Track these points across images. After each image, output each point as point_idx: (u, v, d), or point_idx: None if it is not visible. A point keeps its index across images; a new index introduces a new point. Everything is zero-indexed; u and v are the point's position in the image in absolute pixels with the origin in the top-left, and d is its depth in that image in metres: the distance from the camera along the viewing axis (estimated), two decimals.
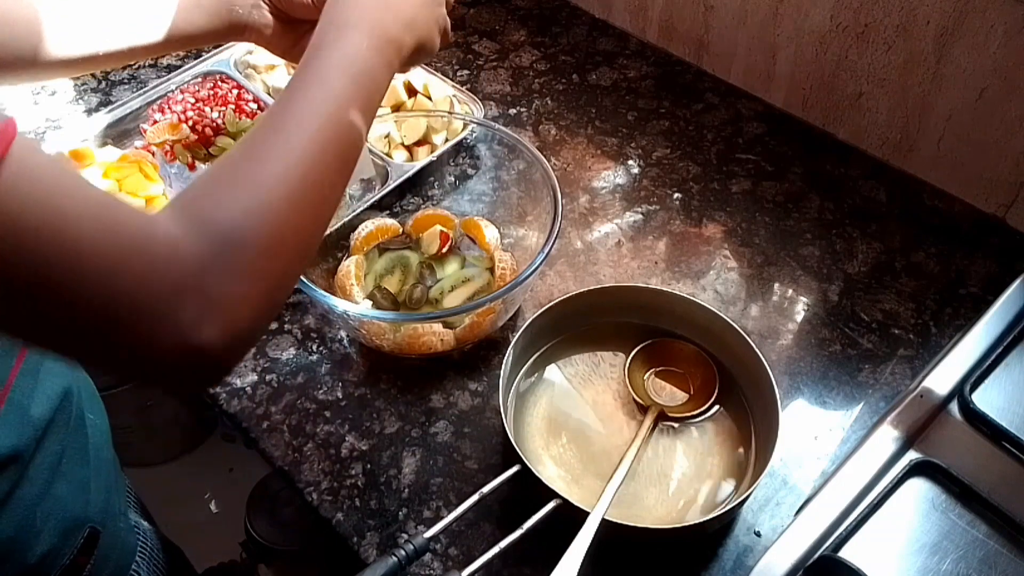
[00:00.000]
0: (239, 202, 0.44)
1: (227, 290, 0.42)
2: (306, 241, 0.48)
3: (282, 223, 0.45)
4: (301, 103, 0.49)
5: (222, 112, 0.97)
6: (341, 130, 0.50)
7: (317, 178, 0.47)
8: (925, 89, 0.88)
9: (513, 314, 0.80)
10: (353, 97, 0.51)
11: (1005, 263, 0.86)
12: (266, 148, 0.47)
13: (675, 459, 0.70)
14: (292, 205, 0.45)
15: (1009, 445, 0.63)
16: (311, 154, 0.47)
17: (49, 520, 0.60)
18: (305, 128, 0.48)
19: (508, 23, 1.18)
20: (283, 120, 0.48)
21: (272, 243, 0.44)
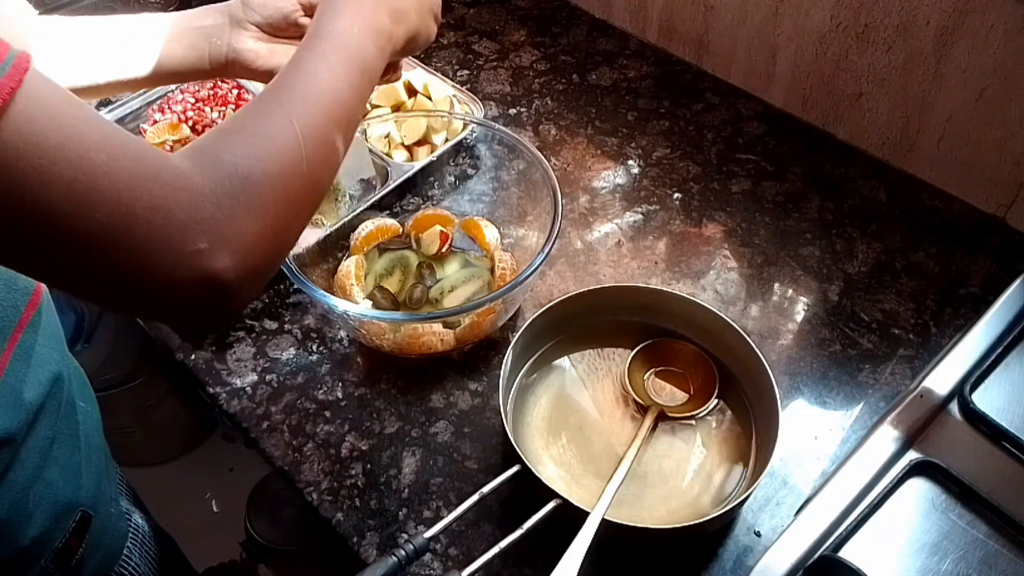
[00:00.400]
0: (248, 147, 0.46)
1: (238, 222, 0.43)
2: (310, 191, 0.50)
3: (288, 169, 0.47)
4: (302, 74, 0.52)
5: (222, 112, 0.97)
6: (339, 98, 0.53)
7: (319, 136, 0.50)
8: (925, 89, 0.88)
9: (513, 314, 0.80)
10: (348, 72, 0.54)
11: (1005, 263, 0.86)
12: (272, 106, 0.50)
13: (675, 459, 0.70)
14: (297, 155, 0.48)
15: (1009, 445, 0.63)
16: (313, 115, 0.50)
17: (41, 503, 0.61)
18: (307, 93, 0.51)
19: (508, 23, 1.18)
20: (286, 86, 0.51)
21: (279, 185, 0.46)
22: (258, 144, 0.47)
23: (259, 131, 0.48)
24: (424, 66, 1.04)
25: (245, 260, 0.44)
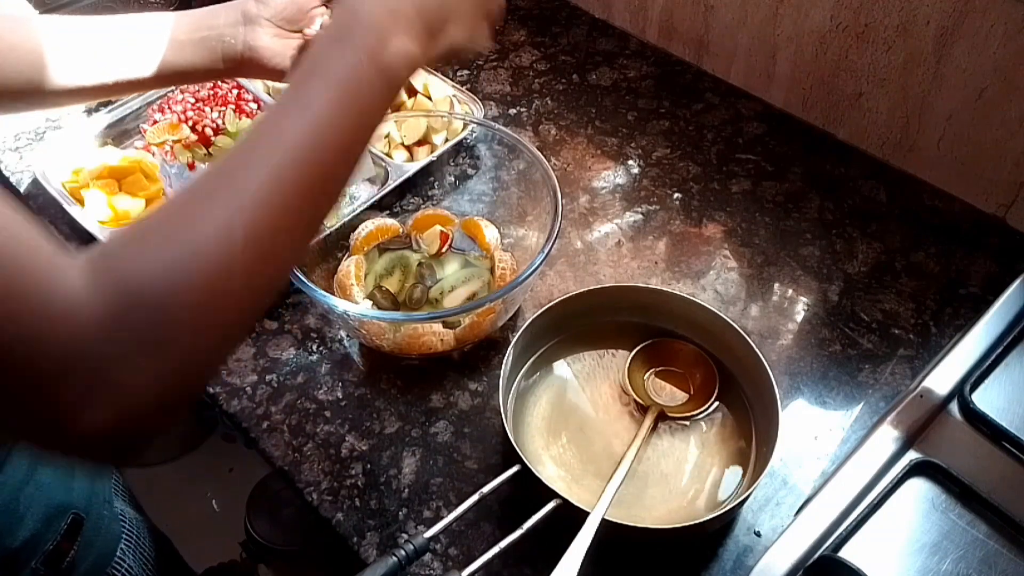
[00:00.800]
0: (162, 254, 0.36)
1: (133, 364, 0.34)
2: (246, 308, 0.39)
3: (213, 283, 0.36)
4: (272, 134, 0.40)
5: (222, 112, 0.97)
6: (316, 171, 0.40)
7: (270, 236, 0.38)
8: (925, 89, 0.88)
9: (513, 314, 0.80)
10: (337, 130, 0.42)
11: (1005, 263, 0.86)
12: (211, 189, 0.38)
13: (675, 459, 0.70)
14: (230, 261, 0.37)
15: (1009, 445, 0.63)
16: (269, 204, 0.38)
17: (32, 505, 0.61)
18: (269, 167, 0.39)
19: (508, 23, 1.18)
20: (245, 154, 0.40)
21: (199, 307, 0.36)
22: (178, 247, 0.36)
23: (184, 227, 0.37)
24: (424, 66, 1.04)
25: (131, 414, 0.34)
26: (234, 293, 0.37)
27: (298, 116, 0.41)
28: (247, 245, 0.37)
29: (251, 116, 0.98)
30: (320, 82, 0.42)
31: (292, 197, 0.39)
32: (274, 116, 0.42)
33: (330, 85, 0.42)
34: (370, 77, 0.44)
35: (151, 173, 0.91)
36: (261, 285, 0.39)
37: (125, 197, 0.89)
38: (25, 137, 1.01)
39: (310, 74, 0.43)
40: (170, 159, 0.95)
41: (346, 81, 0.43)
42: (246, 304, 0.38)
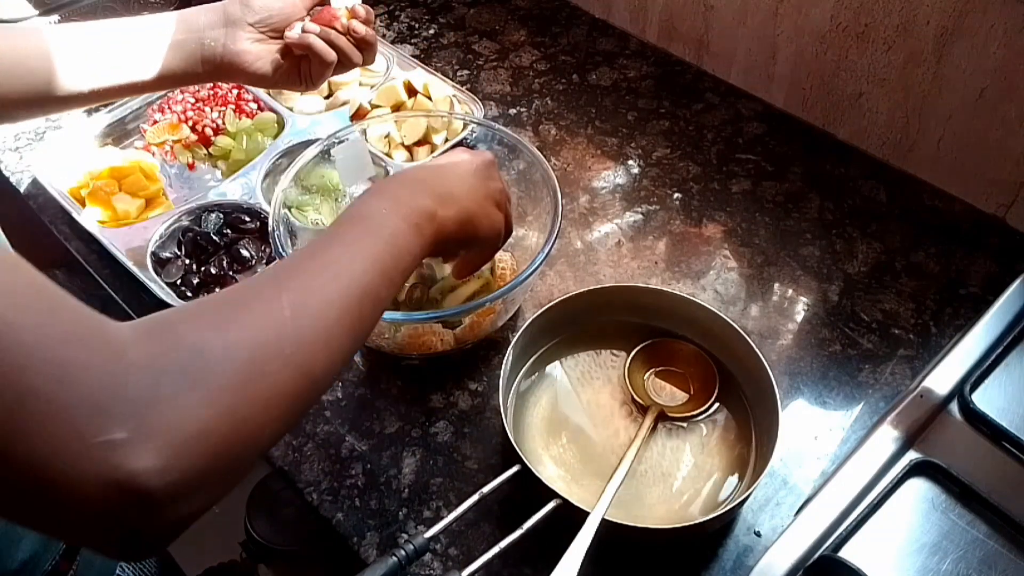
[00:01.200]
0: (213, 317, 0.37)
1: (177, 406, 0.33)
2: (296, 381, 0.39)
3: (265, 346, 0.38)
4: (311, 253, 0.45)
5: (222, 112, 0.97)
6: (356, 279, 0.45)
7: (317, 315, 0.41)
8: (925, 89, 0.88)
9: (513, 314, 0.80)
10: (372, 253, 0.47)
11: (1005, 263, 0.86)
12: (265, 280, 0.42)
13: (675, 459, 0.70)
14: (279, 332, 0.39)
15: (1009, 445, 0.63)
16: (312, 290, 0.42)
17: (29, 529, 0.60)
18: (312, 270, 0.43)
19: (508, 23, 1.18)
20: (290, 264, 0.44)
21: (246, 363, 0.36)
22: (227, 317, 0.38)
23: (234, 304, 0.39)
24: (424, 66, 1.04)
25: (180, 460, 0.32)
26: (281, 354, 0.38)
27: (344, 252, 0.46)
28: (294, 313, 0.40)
29: (251, 116, 0.98)
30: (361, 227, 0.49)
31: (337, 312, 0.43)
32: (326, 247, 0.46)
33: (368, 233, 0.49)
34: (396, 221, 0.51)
35: (151, 173, 0.91)
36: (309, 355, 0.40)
37: (125, 197, 0.89)
38: (25, 137, 1.01)
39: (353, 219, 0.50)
40: (170, 159, 0.95)
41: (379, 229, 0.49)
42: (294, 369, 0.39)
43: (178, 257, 0.85)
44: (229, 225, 0.87)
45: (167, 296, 0.80)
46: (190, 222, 0.87)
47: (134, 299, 0.83)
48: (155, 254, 0.84)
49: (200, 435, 0.33)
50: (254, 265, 0.84)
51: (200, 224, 0.87)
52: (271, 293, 0.40)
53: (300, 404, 0.41)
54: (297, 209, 0.82)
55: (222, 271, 0.83)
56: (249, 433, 0.36)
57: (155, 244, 0.84)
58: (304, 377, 0.40)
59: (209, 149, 0.96)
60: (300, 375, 0.39)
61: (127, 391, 0.32)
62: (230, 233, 0.86)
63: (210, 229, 0.86)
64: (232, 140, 0.96)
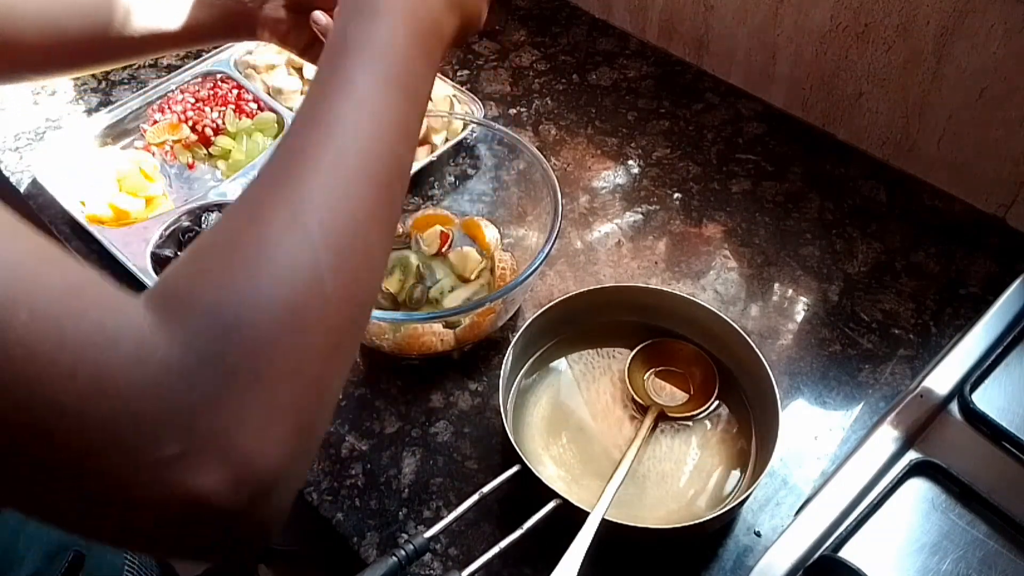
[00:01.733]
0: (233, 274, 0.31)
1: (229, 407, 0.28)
2: (344, 319, 0.33)
3: (300, 296, 0.31)
4: (320, 127, 0.36)
5: (222, 112, 0.97)
6: (381, 157, 0.36)
7: (347, 227, 0.34)
8: (925, 89, 0.88)
9: (513, 314, 0.80)
10: (392, 108, 0.38)
11: (1005, 263, 0.86)
12: (278, 199, 0.33)
13: (675, 459, 0.70)
14: (314, 268, 0.32)
15: (1009, 445, 0.63)
16: (341, 200, 0.34)
17: (33, 545, 0.59)
18: (327, 157, 0.34)
19: (508, 23, 1.18)
20: (298, 154, 0.35)
21: (290, 329, 0.30)
22: (250, 268, 0.31)
23: (251, 245, 0.32)
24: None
25: (250, 469, 0.28)
26: (327, 302, 0.32)
27: (346, 103, 0.37)
28: (328, 249, 0.32)
29: (251, 116, 0.98)
30: (359, 62, 0.38)
31: (364, 189, 0.35)
32: (320, 106, 0.37)
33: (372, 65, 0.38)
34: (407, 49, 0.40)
35: (151, 173, 0.91)
36: (349, 279, 0.33)
37: (125, 197, 0.89)
38: (25, 137, 1.01)
39: (345, 54, 0.38)
40: (170, 159, 0.95)
41: (386, 57, 0.39)
42: (344, 315, 0.33)
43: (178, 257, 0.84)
44: None
45: None
46: (190, 222, 0.87)
47: None
48: (155, 254, 0.84)
49: (261, 431, 0.29)
50: None
51: (200, 224, 0.87)
52: (288, 224, 0.32)
53: (354, 337, 0.35)
54: None
55: None
56: (314, 403, 0.31)
57: (155, 244, 0.84)
58: (353, 308, 0.34)
59: (209, 149, 0.96)
60: (348, 309, 0.33)
61: (165, 397, 0.27)
62: None
63: None
64: (232, 140, 0.96)
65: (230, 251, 0.32)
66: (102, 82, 1.09)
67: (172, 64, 1.11)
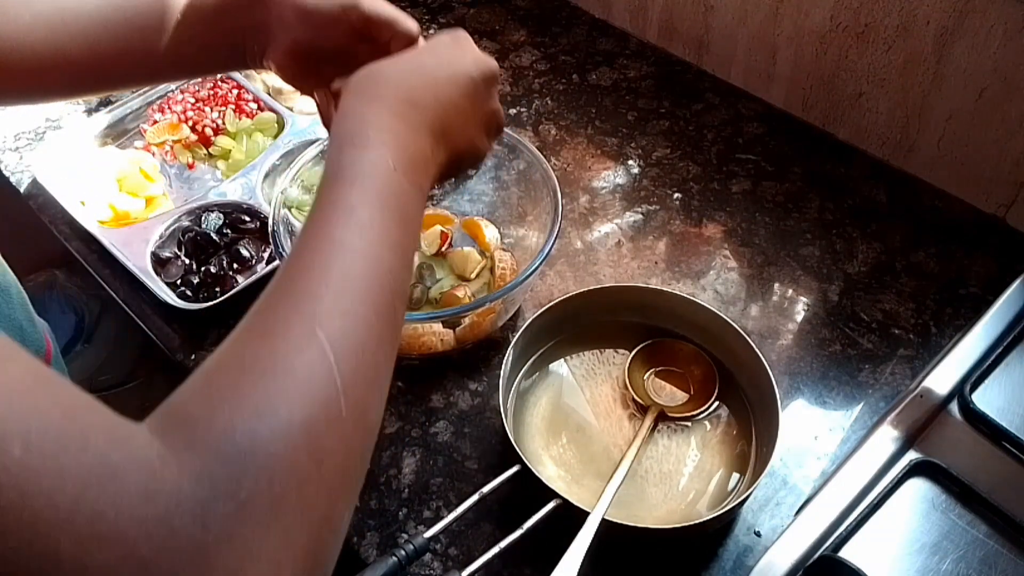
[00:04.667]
0: (251, 399, 0.29)
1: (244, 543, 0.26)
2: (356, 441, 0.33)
3: (320, 420, 0.30)
4: (323, 248, 0.36)
5: (222, 112, 0.97)
6: (382, 278, 0.37)
7: (359, 346, 0.34)
8: (925, 89, 0.88)
9: (513, 314, 0.80)
10: (388, 232, 0.38)
11: (1005, 263, 0.86)
12: (285, 312, 0.33)
13: (675, 459, 0.70)
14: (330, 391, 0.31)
15: (1009, 445, 0.63)
16: (347, 313, 0.34)
17: None
18: (335, 278, 0.35)
19: (508, 23, 1.18)
20: (305, 273, 0.35)
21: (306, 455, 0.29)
22: (266, 388, 0.30)
23: (265, 364, 0.31)
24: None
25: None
26: (337, 419, 0.31)
27: (347, 228, 0.37)
28: (341, 368, 0.32)
29: (251, 116, 0.98)
30: (356, 191, 0.39)
31: (369, 309, 0.35)
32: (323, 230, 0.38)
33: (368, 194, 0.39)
34: (399, 177, 0.41)
35: (151, 173, 0.91)
36: (361, 398, 0.33)
37: (125, 197, 0.89)
38: (25, 137, 1.01)
39: (342, 182, 0.40)
40: (170, 159, 0.95)
41: (380, 186, 0.40)
42: (351, 428, 0.32)
43: (178, 257, 0.85)
44: (229, 225, 0.87)
45: (167, 296, 0.80)
46: (190, 222, 0.87)
47: (134, 299, 0.83)
48: (155, 254, 0.84)
49: (276, 571, 0.27)
50: (254, 265, 0.84)
51: (200, 224, 0.87)
52: (304, 338, 0.32)
53: (364, 464, 0.34)
54: (297, 209, 0.82)
55: (222, 271, 0.83)
56: (327, 536, 0.30)
57: (155, 244, 0.84)
58: (365, 431, 0.34)
59: (209, 149, 0.96)
60: (361, 432, 0.33)
61: (174, 537, 0.25)
62: (230, 233, 0.86)
63: (210, 229, 0.86)
64: (232, 140, 0.96)
65: (243, 369, 0.31)
66: None
67: None
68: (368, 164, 0.40)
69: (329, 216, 0.38)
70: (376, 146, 0.41)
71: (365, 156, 0.40)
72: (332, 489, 0.31)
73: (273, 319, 0.33)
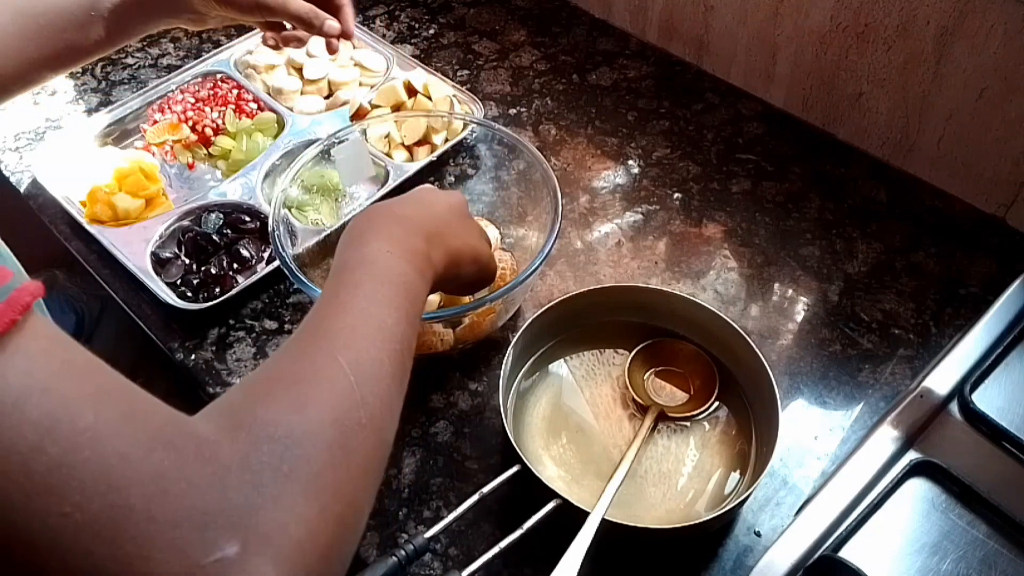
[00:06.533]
0: (290, 395, 0.36)
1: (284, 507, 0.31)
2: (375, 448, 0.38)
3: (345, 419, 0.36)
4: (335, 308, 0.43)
5: (222, 112, 0.97)
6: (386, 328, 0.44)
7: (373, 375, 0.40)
8: (925, 89, 0.88)
9: (513, 314, 0.80)
10: (391, 297, 0.46)
11: (1005, 263, 0.86)
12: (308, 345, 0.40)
13: (675, 459, 0.70)
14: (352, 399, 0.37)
15: (1009, 445, 0.63)
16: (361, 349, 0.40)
17: None
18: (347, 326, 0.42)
19: (508, 23, 1.18)
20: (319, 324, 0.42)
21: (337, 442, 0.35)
22: (299, 393, 0.36)
23: (297, 377, 0.37)
24: (424, 66, 1.04)
25: (298, 568, 0.30)
26: (359, 422, 0.37)
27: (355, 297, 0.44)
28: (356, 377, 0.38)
29: (251, 116, 0.98)
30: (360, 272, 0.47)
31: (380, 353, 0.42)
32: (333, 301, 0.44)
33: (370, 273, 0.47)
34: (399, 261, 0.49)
35: (151, 173, 0.91)
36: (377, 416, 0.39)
37: (125, 197, 0.89)
38: (25, 137, 1.01)
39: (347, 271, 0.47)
40: (170, 159, 0.95)
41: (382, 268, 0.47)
42: (371, 435, 0.38)
43: (178, 257, 0.85)
44: (229, 225, 0.87)
45: (167, 296, 0.80)
46: (190, 222, 0.87)
47: (134, 299, 0.83)
48: (155, 254, 0.84)
49: (312, 533, 0.31)
50: (254, 265, 0.84)
51: (200, 224, 0.87)
52: (327, 361, 0.38)
53: (381, 473, 0.39)
54: (297, 209, 0.82)
55: (222, 271, 0.83)
56: (352, 519, 0.35)
57: (155, 244, 0.85)
58: (381, 443, 0.39)
59: (209, 149, 0.96)
60: (378, 441, 0.39)
61: (228, 498, 0.30)
62: (230, 233, 0.86)
63: (210, 229, 0.86)
64: (232, 140, 0.96)
65: (276, 381, 0.37)
66: (102, 82, 1.09)
67: (172, 64, 1.11)
68: (369, 254, 0.48)
69: (339, 290, 0.45)
70: (374, 240, 0.49)
71: (366, 248, 0.48)
72: (357, 479, 0.35)
73: (298, 350, 0.40)
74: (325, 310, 0.43)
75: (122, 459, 0.28)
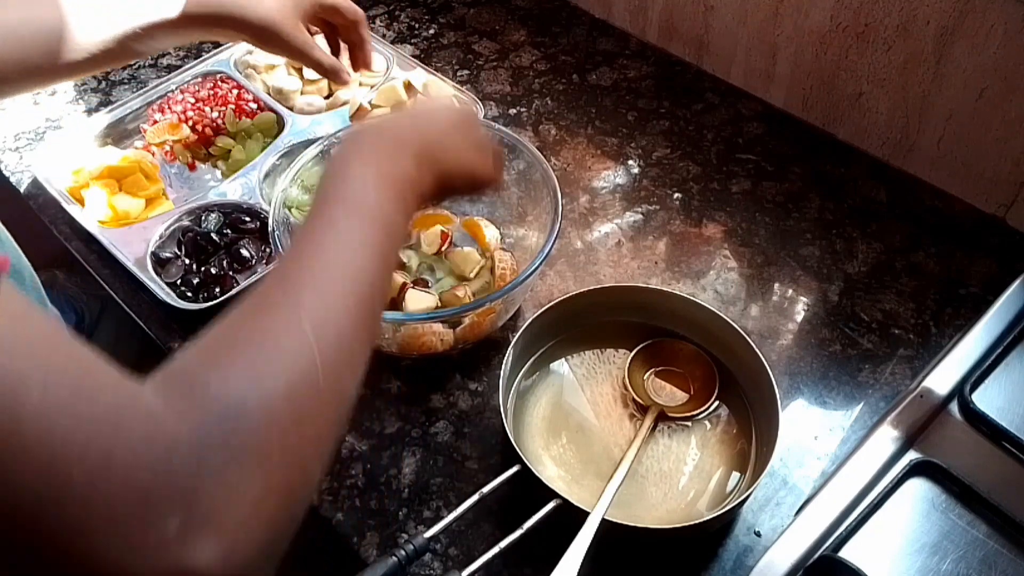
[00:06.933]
0: (242, 365, 0.35)
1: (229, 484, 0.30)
2: (329, 411, 0.38)
3: (299, 388, 0.36)
4: (308, 249, 0.42)
5: (222, 112, 0.97)
6: (359, 274, 0.43)
7: (338, 330, 0.39)
8: (925, 89, 0.88)
9: (513, 314, 0.80)
10: (367, 237, 0.45)
11: (1005, 263, 0.86)
12: (273, 299, 0.39)
13: (675, 459, 0.70)
14: (309, 364, 0.36)
15: (1009, 445, 0.63)
16: (327, 304, 0.39)
17: None
18: (316, 274, 0.41)
19: (508, 23, 1.18)
20: (289, 269, 0.41)
21: (287, 415, 0.34)
22: (255, 359, 0.35)
23: (255, 339, 0.36)
24: (424, 66, 1.04)
25: (241, 541, 0.30)
26: (314, 388, 0.36)
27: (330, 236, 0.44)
28: (317, 338, 0.37)
29: (251, 116, 0.98)
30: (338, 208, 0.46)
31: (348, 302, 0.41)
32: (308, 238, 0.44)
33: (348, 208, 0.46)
34: (379, 195, 0.48)
35: (151, 173, 0.91)
36: (337, 376, 0.38)
37: (125, 197, 0.89)
38: (25, 137, 1.01)
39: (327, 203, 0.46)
40: (170, 159, 0.95)
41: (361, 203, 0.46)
42: (327, 400, 0.37)
43: (178, 257, 0.85)
44: (229, 225, 0.87)
45: (167, 296, 0.80)
46: (190, 222, 0.87)
47: (134, 299, 0.83)
48: (155, 254, 0.84)
49: (255, 507, 0.31)
50: (254, 265, 0.84)
51: (200, 224, 0.87)
52: (288, 320, 0.37)
53: (338, 429, 0.39)
54: (297, 209, 0.82)
55: (222, 271, 0.83)
56: (300, 486, 0.35)
57: (155, 244, 0.84)
58: (339, 402, 0.39)
59: (209, 149, 0.96)
60: (335, 402, 0.38)
61: (173, 476, 0.29)
62: (230, 233, 0.86)
63: (210, 229, 0.86)
64: (232, 140, 0.96)
65: (235, 342, 0.36)
66: (102, 82, 1.09)
67: (172, 64, 1.11)
68: (349, 187, 0.47)
69: (314, 227, 0.44)
70: (356, 166, 0.48)
71: (347, 176, 0.47)
72: (308, 444, 0.36)
73: (261, 304, 0.39)
74: (297, 250, 0.43)
75: (66, 437, 0.28)
